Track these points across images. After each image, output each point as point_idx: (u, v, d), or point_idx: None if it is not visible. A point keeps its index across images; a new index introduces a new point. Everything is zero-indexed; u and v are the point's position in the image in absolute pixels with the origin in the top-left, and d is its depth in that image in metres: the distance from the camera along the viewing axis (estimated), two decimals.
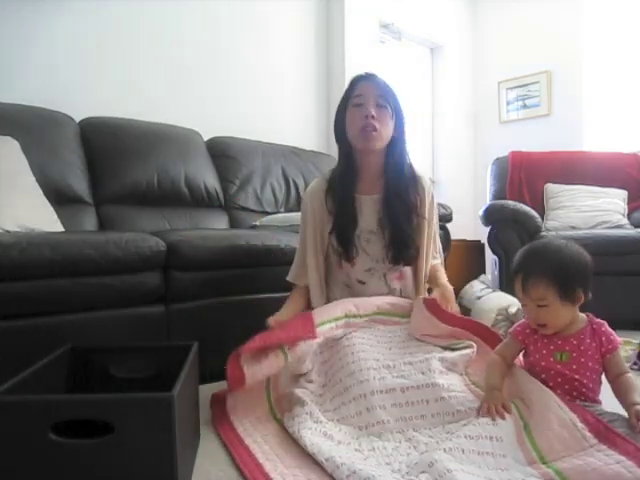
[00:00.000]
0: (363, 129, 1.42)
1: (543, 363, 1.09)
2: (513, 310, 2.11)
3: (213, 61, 2.66)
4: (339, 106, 1.52)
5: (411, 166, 1.53)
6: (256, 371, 1.18)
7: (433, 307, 1.34)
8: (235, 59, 2.75)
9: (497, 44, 3.96)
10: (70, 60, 2.18)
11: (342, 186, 1.48)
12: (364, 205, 1.49)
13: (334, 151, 3.00)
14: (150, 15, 2.42)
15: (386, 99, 1.45)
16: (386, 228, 1.46)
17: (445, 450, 0.90)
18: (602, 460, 0.85)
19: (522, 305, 1.12)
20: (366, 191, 1.50)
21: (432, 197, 1.56)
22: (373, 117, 1.42)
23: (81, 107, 2.11)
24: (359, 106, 1.44)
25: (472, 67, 4.08)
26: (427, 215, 1.52)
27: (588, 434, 0.92)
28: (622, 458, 0.85)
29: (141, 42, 2.40)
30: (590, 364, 1.05)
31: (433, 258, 1.58)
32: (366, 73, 1.50)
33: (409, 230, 1.46)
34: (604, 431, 0.92)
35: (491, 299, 2.33)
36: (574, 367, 1.05)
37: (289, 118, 3.00)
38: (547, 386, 1.06)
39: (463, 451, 0.90)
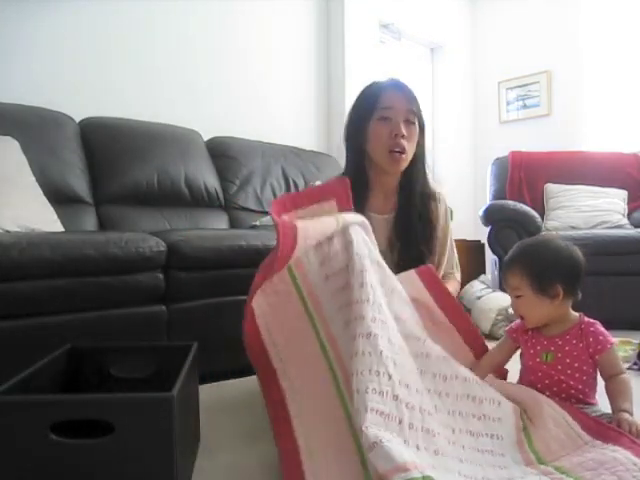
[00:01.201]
0: (392, 151, 1.30)
1: (530, 363, 1.09)
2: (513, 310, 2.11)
3: (213, 61, 2.66)
4: (359, 113, 1.36)
5: (428, 183, 1.41)
6: (269, 319, 1.07)
7: (427, 276, 1.23)
8: (235, 59, 2.75)
9: (497, 44, 3.96)
10: (70, 60, 2.18)
11: (355, 201, 1.32)
12: (375, 225, 1.33)
13: (334, 151, 3.04)
14: (151, 15, 2.42)
15: (415, 114, 1.33)
16: (395, 248, 1.37)
17: (449, 442, 0.89)
18: (599, 452, 0.86)
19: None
20: (378, 209, 1.40)
21: (447, 217, 1.45)
22: (403, 136, 1.30)
23: (81, 107, 2.12)
24: (387, 120, 1.31)
25: (472, 67, 4.08)
26: (440, 234, 1.43)
27: (582, 432, 0.92)
28: (618, 448, 0.86)
29: (142, 42, 2.40)
30: (576, 365, 1.03)
31: (448, 278, 1.47)
32: (392, 80, 1.36)
33: (420, 247, 1.37)
34: (595, 426, 0.93)
35: (491, 299, 2.33)
36: (559, 368, 1.05)
37: (289, 118, 3.00)
38: (536, 388, 1.06)
39: (463, 447, 0.90)
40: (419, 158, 1.38)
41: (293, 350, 1.05)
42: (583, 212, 2.73)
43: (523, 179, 3.01)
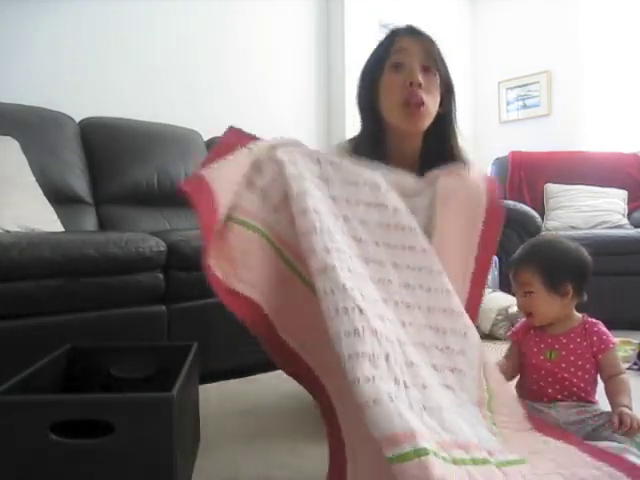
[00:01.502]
0: (407, 103, 1.09)
1: (534, 361, 1.10)
2: (513, 310, 2.11)
3: (213, 61, 2.66)
4: (370, 65, 1.17)
5: (460, 153, 1.18)
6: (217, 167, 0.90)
7: (492, 186, 1.09)
8: (235, 59, 2.75)
9: (497, 44, 3.95)
10: (70, 60, 2.18)
11: None
12: None
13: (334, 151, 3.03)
14: (151, 15, 2.42)
15: (434, 59, 1.13)
16: None
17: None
18: (533, 438, 0.88)
19: (516, 296, 1.14)
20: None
21: None
22: (420, 85, 1.09)
23: (81, 107, 2.12)
24: (400, 67, 1.11)
25: (472, 67, 4.08)
26: None
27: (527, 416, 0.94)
28: (549, 439, 0.88)
29: (142, 42, 2.40)
30: (580, 363, 1.05)
31: None
32: (407, 26, 1.17)
33: None
34: (544, 425, 0.94)
35: (491, 299, 2.33)
36: (563, 365, 1.06)
37: (289, 118, 3.00)
38: (538, 385, 1.07)
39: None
40: (443, 120, 1.16)
41: (294, 317, 0.87)
42: (583, 212, 2.73)
43: (523, 179, 3.01)
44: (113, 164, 2.05)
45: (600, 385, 1.08)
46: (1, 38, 2.00)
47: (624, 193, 2.84)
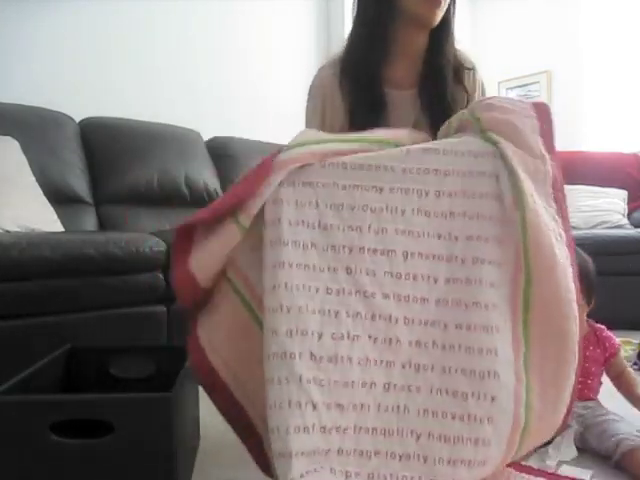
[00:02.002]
0: None
1: None
2: None
3: (213, 61, 2.66)
4: None
5: (457, 53, 1.18)
6: (202, 255, 0.84)
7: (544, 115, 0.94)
8: (235, 59, 2.75)
9: (497, 44, 3.95)
10: (70, 60, 2.18)
11: (367, 72, 1.12)
12: (397, 104, 1.13)
13: None
14: (151, 15, 2.42)
15: None
16: (423, 127, 1.13)
17: (396, 456, 0.75)
18: None
19: None
20: (397, 83, 1.15)
21: (481, 89, 1.23)
22: None
23: (81, 107, 2.12)
24: None
25: None
26: None
27: None
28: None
29: (142, 42, 2.40)
30: (593, 369, 1.08)
31: None
32: None
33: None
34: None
35: None
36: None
37: (289, 118, 3.00)
38: None
39: (425, 460, 0.75)
40: (447, 23, 1.12)
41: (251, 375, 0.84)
42: (583, 212, 2.73)
43: None
44: (113, 164, 2.06)
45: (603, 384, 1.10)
46: (1, 38, 2.00)
47: (624, 193, 2.84)
